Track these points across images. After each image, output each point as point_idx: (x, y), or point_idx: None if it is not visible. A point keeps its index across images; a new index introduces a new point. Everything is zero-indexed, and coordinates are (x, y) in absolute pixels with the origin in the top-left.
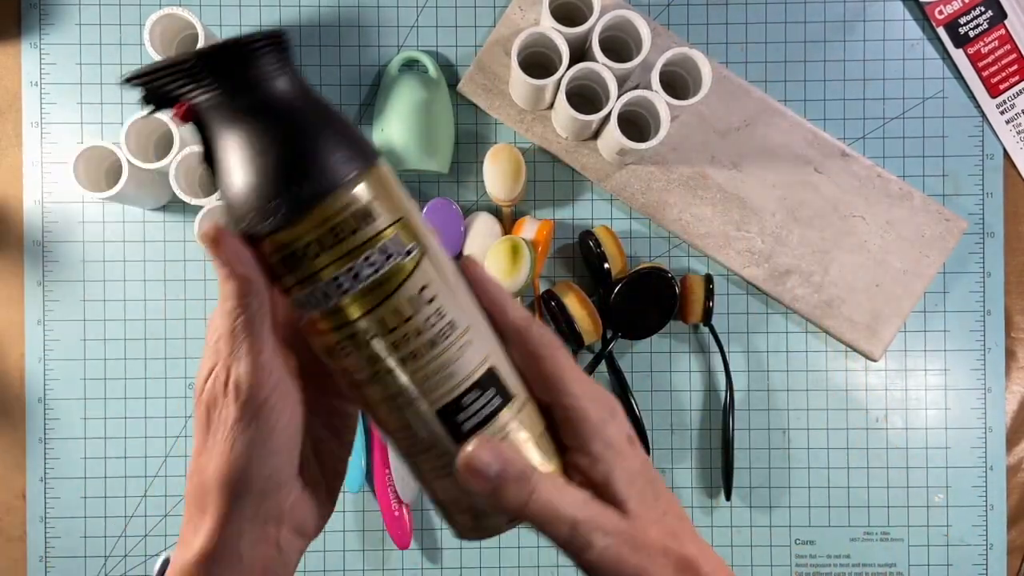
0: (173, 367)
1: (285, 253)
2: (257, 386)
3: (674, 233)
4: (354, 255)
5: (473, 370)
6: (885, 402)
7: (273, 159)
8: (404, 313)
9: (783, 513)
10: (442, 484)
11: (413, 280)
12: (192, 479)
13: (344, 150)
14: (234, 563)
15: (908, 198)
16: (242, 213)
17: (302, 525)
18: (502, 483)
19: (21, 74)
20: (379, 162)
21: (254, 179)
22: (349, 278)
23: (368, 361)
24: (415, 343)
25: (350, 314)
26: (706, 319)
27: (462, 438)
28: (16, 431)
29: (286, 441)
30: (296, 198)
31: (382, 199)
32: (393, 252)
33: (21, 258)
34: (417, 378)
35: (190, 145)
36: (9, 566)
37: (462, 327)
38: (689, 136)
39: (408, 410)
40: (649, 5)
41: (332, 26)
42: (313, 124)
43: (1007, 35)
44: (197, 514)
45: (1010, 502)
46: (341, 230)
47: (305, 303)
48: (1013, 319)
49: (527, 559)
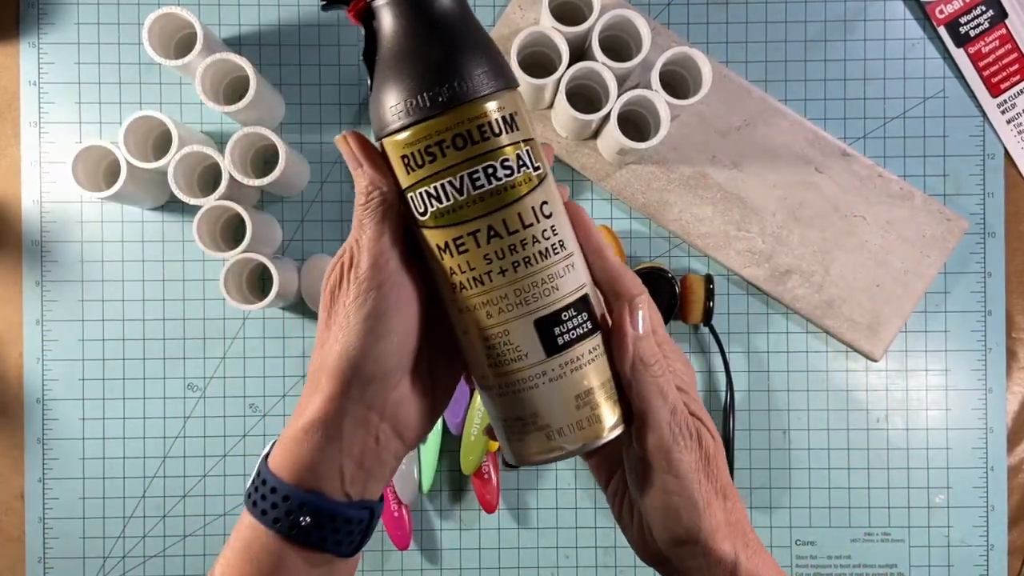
0: (172, 367)
1: (430, 142)
2: (375, 268)
3: (674, 233)
4: (494, 155)
5: (573, 291)
6: (886, 402)
7: (445, 54)
8: (526, 220)
9: (784, 514)
10: (520, 398)
11: (537, 193)
12: (312, 365)
13: (501, 64)
14: (335, 438)
15: (909, 198)
16: (401, 99)
17: (402, 427)
18: (622, 339)
19: (19, 73)
20: (519, 90)
21: (423, 70)
22: (484, 175)
23: (484, 259)
24: (530, 250)
25: (477, 211)
26: (706, 319)
27: (554, 351)
28: (14, 431)
29: (396, 329)
30: (460, 90)
31: (522, 116)
32: (526, 163)
33: (19, 258)
34: (524, 284)
35: (189, 145)
36: (8, 567)
37: (568, 250)
38: (689, 136)
39: (508, 315)
40: (649, 4)
41: (332, 26)
42: (478, 37)
43: (1008, 34)
44: (310, 391)
45: (1011, 503)
46: (487, 129)
47: (435, 196)
48: (1014, 319)
49: (527, 560)
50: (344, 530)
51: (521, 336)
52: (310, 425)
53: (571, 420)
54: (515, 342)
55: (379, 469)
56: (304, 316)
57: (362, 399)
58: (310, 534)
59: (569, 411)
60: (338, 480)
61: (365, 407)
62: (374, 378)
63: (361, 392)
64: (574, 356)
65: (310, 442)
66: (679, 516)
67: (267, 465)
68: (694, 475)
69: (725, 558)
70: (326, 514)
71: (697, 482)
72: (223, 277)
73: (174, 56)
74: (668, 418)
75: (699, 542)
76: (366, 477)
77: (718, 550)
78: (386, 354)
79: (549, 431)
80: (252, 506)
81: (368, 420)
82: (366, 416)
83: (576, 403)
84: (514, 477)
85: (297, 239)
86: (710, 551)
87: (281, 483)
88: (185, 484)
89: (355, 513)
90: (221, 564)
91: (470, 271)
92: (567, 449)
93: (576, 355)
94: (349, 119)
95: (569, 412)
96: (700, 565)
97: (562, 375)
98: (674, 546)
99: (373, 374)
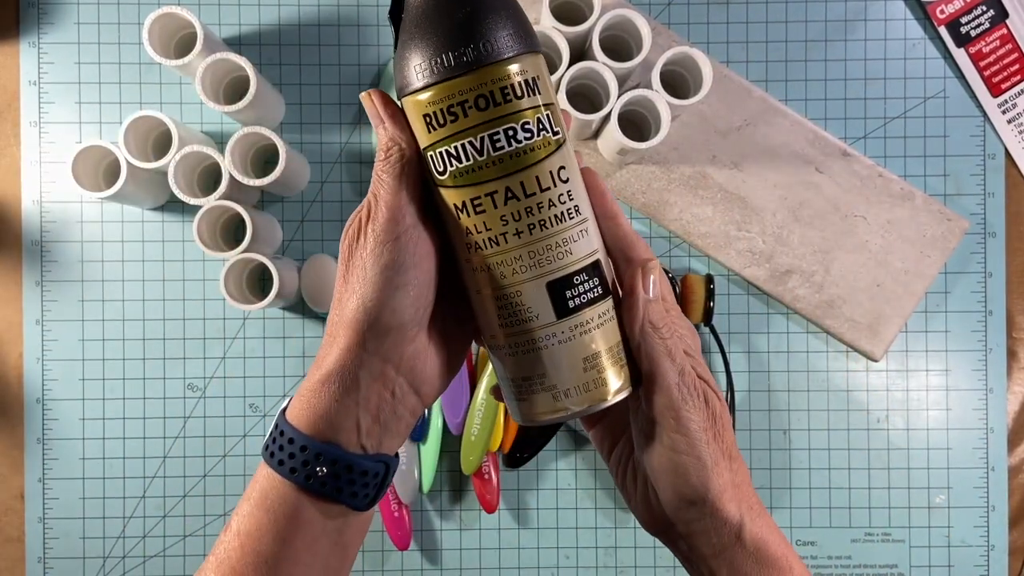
0: (172, 367)
1: (453, 102)
2: (392, 221)
3: (675, 233)
4: (515, 118)
5: (586, 255)
6: (886, 403)
7: (471, 14)
8: (544, 183)
9: (784, 514)
10: (529, 358)
11: (555, 157)
12: (330, 320)
13: (526, 27)
14: (351, 389)
15: (910, 198)
16: (426, 58)
17: (418, 381)
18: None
19: (19, 73)
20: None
21: (448, 29)
22: (505, 137)
23: (500, 220)
24: (546, 213)
25: (496, 172)
26: (707, 319)
27: (564, 313)
28: (14, 431)
29: (413, 281)
30: (484, 51)
31: (544, 81)
32: (546, 127)
33: (19, 258)
34: (539, 247)
35: (189, 145)
36: (8, 567)
37: (583, 216)
38: (690, 136)
39: (521, 276)
40: (650, 4)
41: (332, 26)
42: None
43: (1008, 34)
44: (328, 344)
45: (1012, 503)
46: (510, 92)
47: (455, 155)
48: (1015, 319)
49: (527, 560)
50: (360, 482)
51: (533, 297)
52: (327, 376)
53: (578, 382)
54: (527, 303)
55: (395, 423)
56: (304, 316)
57: (378, 351)
58: (326, 484)
59: (576, 373)
60: (354, 432)
61: (382, 359)
62: (391, 329)
63: (378, 344)
64: (584, 319)
65: (327, 393)
66: (687, 475)
67: (284, 417)
68: (702, 434)
69: (731, 519)
70: (342, 464)
71: (705, 442)
72: (223, 277)
73: (174, 56)
74: (676, 379)
75: (707, 502)
76: (382, 431)
77: (724, 510)
78: (403, 305)
79: (556, 392)
80: (269, 457)
81: (385, 373)
82: (383, 369)
83: (584, 365)
84: (514, 477)
85: (297, 239)
86: (717, 511)
87: (298, 433)
88: (185, 484)
89: (371, 465)
90: (238, 516)
91: (486, 231)
92: (572, 410)
93: (586, 318)
94: (349, 119)
95: (576, 374)
96: (706, 527)
97: (571, 337)
98: (681, 508)
99: (390, 325)
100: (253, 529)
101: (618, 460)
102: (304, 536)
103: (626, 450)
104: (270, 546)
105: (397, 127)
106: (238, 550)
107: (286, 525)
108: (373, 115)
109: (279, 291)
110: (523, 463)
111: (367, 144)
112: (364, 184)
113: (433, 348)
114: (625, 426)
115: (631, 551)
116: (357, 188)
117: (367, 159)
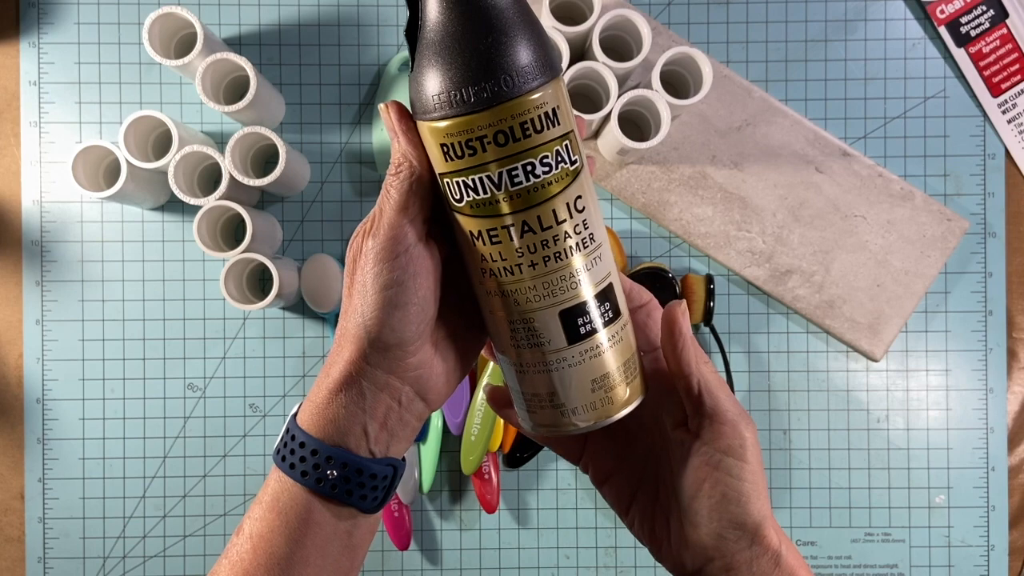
0: (172, 367)
1: (471, 137)
2: (392, 240)
3: (675, 233)
4: (533, 153)
5: (599, 281)
6: (886, 403)
7: (493, 46)
8: (560, 216)
9: (784, 514)
10: (539, 378)
11: (573, 188)
12: (338, 328)
13: (548, 53)
14: (358, 400)
15: (910, 198)
16: (443, 89)
17: (424, 390)
18: (686, 342)
19: (19, 73)
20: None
21: (468, 62)
22: (523, 172)
23: (516, 252)
24: (562, 245)
25: (514, 206)
26: (707, 319)
27: (576, 340)
28: (14, 431)
29: (412, 300)
30: (505, 87)
31: (562, 108)
32: (564, 159)
33: (19, 258)
34: (553, 278)
35: (189, 145)
36: (8, 567)
37: (598, 241)
38: (690, 136)
39: (535, 304)
40: (650, 4)
41: (332, 25)
42: (526, 22)
43: (1008, 34)
44: (335, 354)
45: (1012, 503)
46: (530, 127)
47: (472, 188)
48: (1015, 319)
49: (527, 560)
50: (369, 484)
51: (545, 325)
52: (335, 385)
53: (586, 401)
54: (539, 329)
55: (402, 430)
56: (304, 316)
57: (381, 364)
58: (336, 487)
59: (585, 393)
60: (363, 439)
61: (385, 371)
62: (391, 346)
63: (380, 358)
64: (594, 344)
65: (335, 402)
66: (744, 502)
67: (296, 422)
68: (758, 462)
69: (772, 547)
70: (352, 468)
71: (761, 468)
72: (223, 277)
73: (174, 56)
74: (735, 408)
75: (755, 528)
76: (389, 437)
77: (768, 537)
78: (403, 324)
79: (564, 409)
80: (281, 461)
81: (389, 383)
82: (387, 380)
83: (592, 386)
84: (514, 477)
85: (297, 239)
86: (762, 539)
87: (310, 438)
88: (185, 484)
89: (380, 468)
90: (249, 519)
91: (501, 261)
92: (580, 427)
93: (596, 343)
94: (349, 119)
95: (584, 394)
96: (748, 557)
97: (581, 361)
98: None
99: (389, 342)
100: (265, 532)
101: (642, 511)
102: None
103: (649, 499)
104: (282, 548)
105: (410, 144)
106: (250, 552)
107: (298, 527)
108: (388, 128)
109: (279, 291)
110: (523, 463)
111: (367, 144)
112: (364, 184)
113: (439, 356)
114: (640, 478)
115: (631, 551)
116: (357, 188)
117: (367, 159)
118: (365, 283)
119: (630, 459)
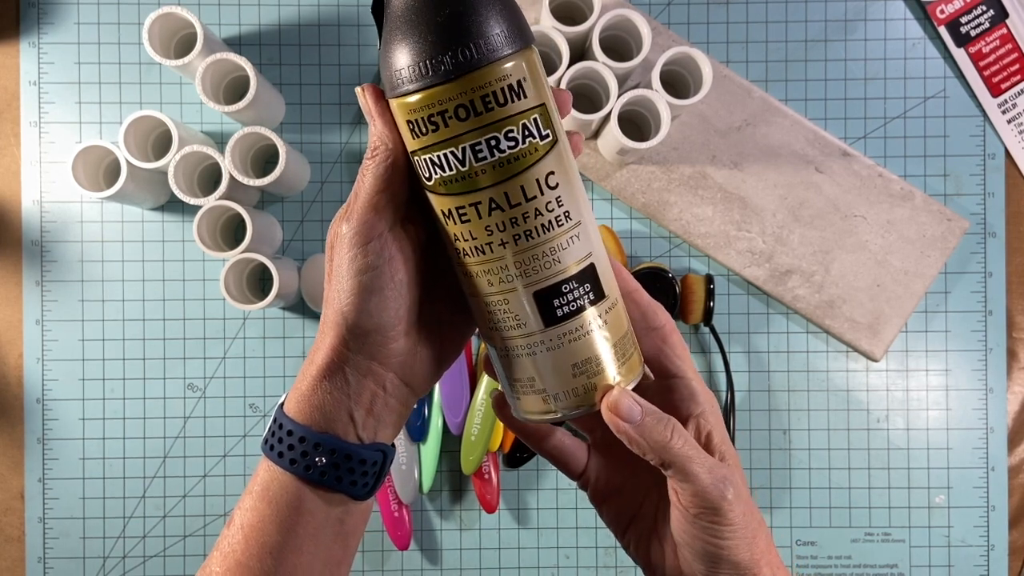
0: (172, 367)
1: (433, 112)
2: (365, 225)
3: (675, 233)
4: (497, 127)
5: (576, 262)
6: (886, 402)
7: (450, 17)
8: (529, 192)
9: (784, 514)
10: (519, 363)
11: (543, 164)
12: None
13: (514, 23)
14: (342, 386)
15: (909, 198)
16: (405, 64)
17: (409, 376)
18: (648, 425)
19: (19, 73)
20: (534, 45)
21: (426, 34)
22: (488, 147)
23: (485, 230)
24: (532, 223)
25: (480, 182)
26: (707, 319)
27: (552, 322)
28: (14, 431)
29: (388, 285)
30: (463, 59)
31: (532, 80)
32: (532, 132)
33: (19, 258)
34: (525, 256)
35: (189, 145)
36: (8, 567)
37: (575, 220)
38: (690, 136)
39: (507, 285)
40: (650, 4)
41: (332, 25)
42: None
43: (1008, 34)
44: (319, 339)
45: (1011, 503)
46: (492, 100)
47: (439, 164)
48: (1015, 319)
49: (527, 560)
50: (359, 470)
51: (520, 306)
52: (319, 373)
53: (567, 387)
54: (514, 311)
55: (388, 415)
56: (304, 316)
57: (362, 350)
58: (325, 474)
59: (565, 379)
60: (350, 425)
61: (367, 357)
62: (369, 332)
63: (360, 344)
64: (574, 327)
65: (320, 390)
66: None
67: (282, 410)
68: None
69: None
70: (340, 454)
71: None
72: (223, 277)
73: (174, 56)
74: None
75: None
76: (376, 423)
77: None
78: (380, 309)
79: (546, 395)
80: (269, 449)
81: (372, 369)
82: (369, 366)
83: (572, 371)
84: (514, 477)
85: (297, 239)
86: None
87: (297, 425)
88: (185, 484)
89: (368, 454)
90: (240, 510)
91: (472, 240)
92: (562, 413)
93: (576, 325)
94: (349, 119)
95: (565, 379)
96: None
97: (560, 345)
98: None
99: (367, 328)
100: (256, 521)
101: (638, 536)
102: (307, 525)
103: (647, 525)
104: (274, 536)
105: (385, 126)
106: (242, 543)
107: (289, 515)
108: (365, 111)
109: (279, 291)
110: (523, 463)
111: (367, 144)
112: None
113: (424, 343)
114: (640, 503)
115: None
116: None
117: None
118: (341, 268)
119: (630, 484)
